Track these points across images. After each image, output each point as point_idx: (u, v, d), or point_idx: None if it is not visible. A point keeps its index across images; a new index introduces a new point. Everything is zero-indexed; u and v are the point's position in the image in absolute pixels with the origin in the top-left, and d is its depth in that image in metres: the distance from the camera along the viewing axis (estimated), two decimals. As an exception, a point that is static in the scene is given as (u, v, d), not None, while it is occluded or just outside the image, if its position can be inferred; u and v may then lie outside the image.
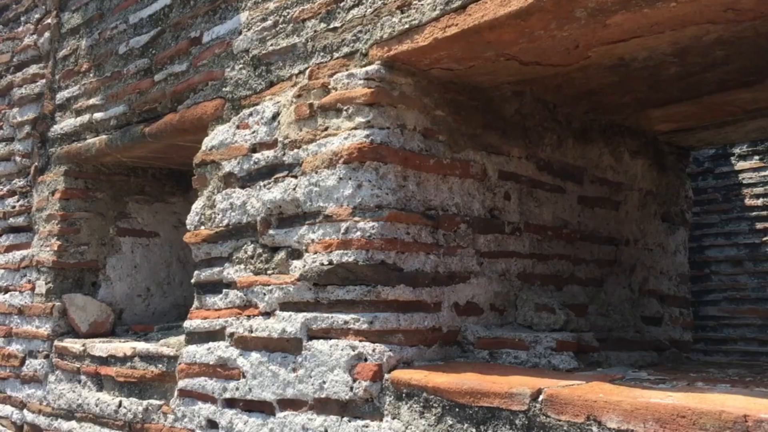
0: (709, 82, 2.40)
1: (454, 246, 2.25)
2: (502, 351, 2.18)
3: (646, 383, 1.82)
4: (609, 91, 2.46)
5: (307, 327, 2.19)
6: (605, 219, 2.79)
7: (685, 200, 3.19)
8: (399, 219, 2.11)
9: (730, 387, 1.72)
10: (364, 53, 2.19)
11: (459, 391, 1.82)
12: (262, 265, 2.38)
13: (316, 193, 2.21)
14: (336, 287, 2.15)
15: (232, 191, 2.51)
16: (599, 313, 2.62)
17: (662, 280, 3.02)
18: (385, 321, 2.06)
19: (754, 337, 5.78)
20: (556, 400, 1.64)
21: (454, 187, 2.28)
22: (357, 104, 2.14)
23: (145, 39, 3.07)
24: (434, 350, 2.17)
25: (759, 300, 5.74)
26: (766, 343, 5.71)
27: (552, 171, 2.58)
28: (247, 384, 2.34)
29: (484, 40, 1.97)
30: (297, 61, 2.40)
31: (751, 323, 5.78)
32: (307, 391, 2.16)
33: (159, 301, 3.65)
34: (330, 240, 2.15)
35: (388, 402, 1.99)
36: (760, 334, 5.77)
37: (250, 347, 2.36)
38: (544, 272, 2.52)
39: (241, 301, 2.43)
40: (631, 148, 2.90)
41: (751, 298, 5.77)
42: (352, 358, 2.06)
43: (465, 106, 2.33)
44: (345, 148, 2.13)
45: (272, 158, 2.38)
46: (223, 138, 2.58)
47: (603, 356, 2.31)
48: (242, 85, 2.59)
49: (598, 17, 1.81)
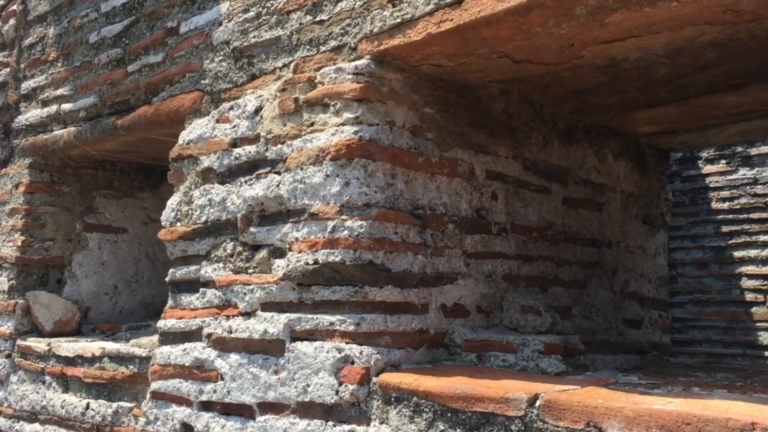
0: (697, 85, 2.39)
1: (441, 246, 2.20)
2: (490, 354, 2.14)
3: (640, 388, 1.80)
4: (597, 92, 2.44)
5: (290, 328, 2.13)
6: (588, 220, 2.77)
7: (665, 203, 3.19)
8: (387, 218, 2.05)
9: (727, 393, 1.70)
10: (353, 47, 2.13)
11: (451, 395, 1.77)
12: (243, 264, 2.30)
13: (301, 191, 2.14)
14: (321, 287, 2.08)
15: (211, 187, 2.43)
16: (582, 316, 2.60)
17: (642, 282, 3.01)
18: (373, 322, 2.01)
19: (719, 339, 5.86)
20: (554, 406, 1.60)
21: (442, 186, 2.23)
22: (345, 99, 2.08)
23: (118, 28, 2.96)
24: (421, 353, 2.12)
25: (724, 302, 5.82)
26: (730, 345, 5.79)
27: (537, 171, 2.55)
28: (226, 386, 2.27)
29: (480, 37, 1.92)
30: (281, 54, 2.33)
31: (715, 325, 5.85)
32: (289, 395, 2.09)
33: (127, 300, 3.53)
34: (316, 239, 2.08)
35: (375, 406, 1.93)
36: (724, 335, 5.85)
37: (228, 348, 2.29)
38: (529, 274, 2.48)
39: (219, 300, 2.35)
40: (614, 150, 2.88)
41: (716, 301, 5.85)
42: (338, 361, 2.00)
43: (453, 103, 2.28)
44: (332, 144, 2.07)
45: (254, 153, 2.30)
46: (202, 132, 2.49)
47: (589, 359, 2.29)
48: (222, 77, 2.51)
49: (597, 15, 1.78)
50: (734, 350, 5.74)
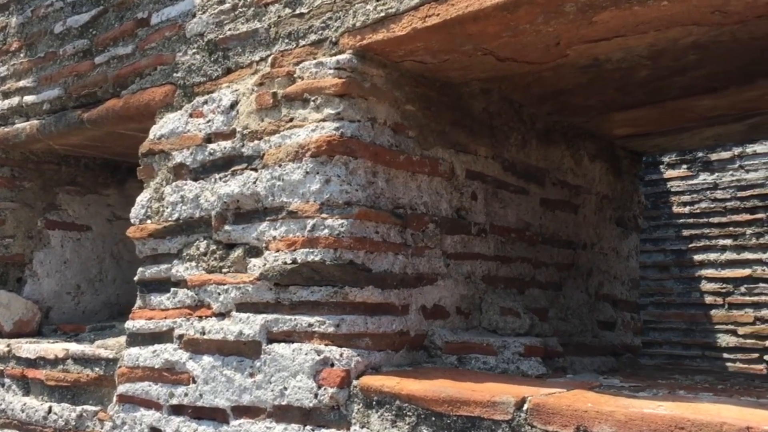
0: (675, 87, 2.39)
1: (422, 246, 2.16)
2: (470, 356, 2.10)
3: (625, 391, 1.78)
4: (576, 92, 2.43)
5: (266, 329, 2.06)
6: (565, 222, 2.76)
7: (637, 205, 3.20)
8: (368, 217, 2.00)
9: (714, 396, 1.69)
10: (334, 42, 2.08)
11: (436, 399, 1.73)
12: (216, 263, 2.23)
13: (279, 188, 2.08)
14: (299, 288, 2.03)
15: (184, 183, 2.35)
16: (559, 318, 2.59)
17: (616, 284, 3.01)
18: (353, 324, 1.96)
19: (679, 341, 5.94)
20: (543, 410, 1.57)
21: (423, 186, 2.19)
22: (326, 95, 2.02)
23: (85, 18, 2.86)
24: (401, 355, 2.07)
25: (684, 305, 5.90)
26: (689, 347, 5.87)
27: (516, 172, 2.53)
28: (198, 389, 2.19)
29: (466, 33, 1.89)
30: (258, 48, 2.26)
31: (676, 327, 5.93)
32: (265, 398, 2.03)
33: (90, 300, 3.42)
34: (294, 237, 2.03)
35: (356, 410, 1.88)
36: (684, 337, 5.93)
37: (201, 350, 2.21)
38: (507, 275, 2.46)
39: (192, 300, 2.27)
40: (590, 152, 2.88)
41: (677, 303, 5.93)
42: (317, 363, 1.94)
43: (435, 101, 2.25)
44: (313, 140, 2.01)
45: (230, 149, 2.23)
46: (174, 126, 2.42)
47: (567, 361, 2.27)
48: (196, 71, 2.44)
49: (587, 13, 1.75)
50: (694, 352, 5.82)
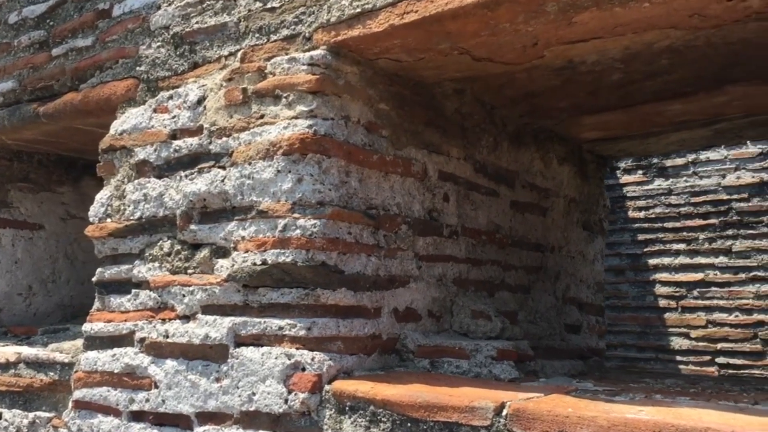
0: (646, 91, 2.40)
1: (394, 248, 2.12)
2: (443, 360, 2.07)
3: (601, 395, 1.76)
4: (548, 95, 2.42)
5: (234, 332, 2.00)
6: (534, 225, 2.75)
7: (603, 209, 3.21)
8: (341, 217, 1.95)
9: (691, 400, 1.68)
10: (308, 37, 2.02)
11: (412, 404, 1.68)
12: (181, 264, 2.16)
13: (248, 186, 2.02)
14: (269, 289, 1.97)
15: (147, 181, 2.27)
16: (528, 321, 2.57)
17: (582, 288, 3.02)
18: (325, 327, 1.90)
19: (633, 344, 6.02)
20: (523, 415, 1.54)
21: (396, 186, 2.15)
22: (299, 91, 1.97)
23: (42, 8, 2.75)
24: (374, 359, 2.03)
25: (639, 308, 5.99)
26: (643, 349, 5.95)
27: (487, 174, 2.50)
28: (160, 395, 2.11)
29: (444, 30, 1.85)
30: (227, 42, 2.19)
31: (630, 330, 6.01)
32: (232, 404, 1.96)
33: (42, 301, 3.29)
34: (264, 238, 1.96)
35: (328, 416, 1.83)
36: (638, 340, 6.01)
37: (164, 354, 2.13)
38: (478, 278, 2.43)
39: (154, 302, 2.19)
40: (559, 155, 2.87)
41: (632, 306, 6.01)
42: (287, 368, 1.88)
43: (408, 101, 2.21)
44: (285, 138, 1.95)
45: (196, 146, 2.16)
46: (137, 122, 2.33)
47: (539, 365, 2.25)
48: (160, 65, 2.35)
49: (567, 13, 1.74)
50: (648, 354, 5.91)
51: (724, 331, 5.57)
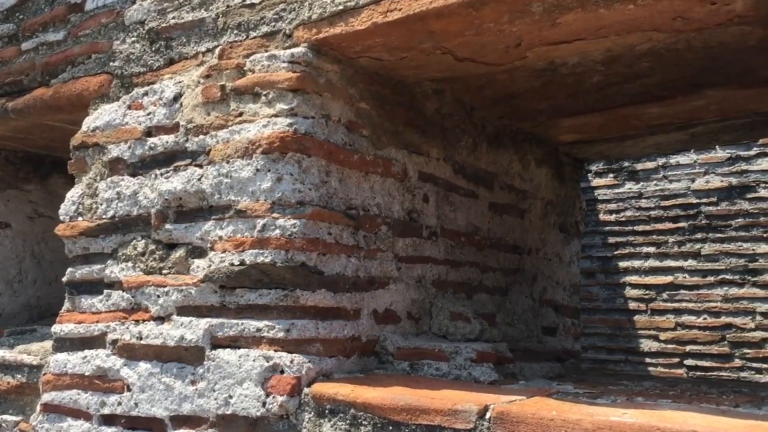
0: (625, 94, 2.41)
1: (374, 249, 2.10)
2: (423, 362, 2.05)
3: (583, 398, 1.75)
4: (528, 96, 2.41)
5: (211, 334, 1.95)
6: (512, 227, 2.74)
7: (579, 211, 3.22)
8: (322, 217, 1.92)
9: (673, 403, 1.68)
10: (288, 34, 1.99)
11: (394, 407, 1.66)
12: (156, 264, 2.11)
13: (226, 185, 1.98)
14: (247, 290, 1.93)
15: (120, 179, 2.22)
16: (506, 323, 2.56)
17: (558, 290, 3.02)
18: (304, 329, 1.87)
19: (603, 346, 6.05)
20: (507, 418, 1.53)
21: (376, 186, 2.13)
22: (279, 89, 1.93)
23: (12, 1, 2.68)
24: (353, 361, 2.00)
25: (609, 310, 6.02)
26: (613, 352, 5.99)
27: (466, 175, 2.49)
28: (133, 398, 2.06)
29: (428, 29, 1.83)
30: (204, 38, 2.15)
31: (601, 332, 6.04)
32: (208, 407, 1.92)
33: (8, 302, 3.20)
34: (243, 238, 1.93)
35: (307, 419, 1.80)
36: (608, 342, 6.04)
37: (138, 356, 2.08)
38: (456, 279, 2.42)
39: (127, 303, 2.14)
40: (536, 157, 2.87)
41: (602, 309, 6.04)
42: (265, 370, 1.85)
43: (389, 100, 2.18)
44: (264, 136, 1.92)
45: (172, 144, 2.11)
46: (111, 118, 2.27)
47: (517, 367, 2.25)
48: (135, 60, 2.30)
49: (552, 13, 1.73)
50: (617, 357, 5.95)
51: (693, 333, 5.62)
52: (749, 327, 5.39)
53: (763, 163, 5.42)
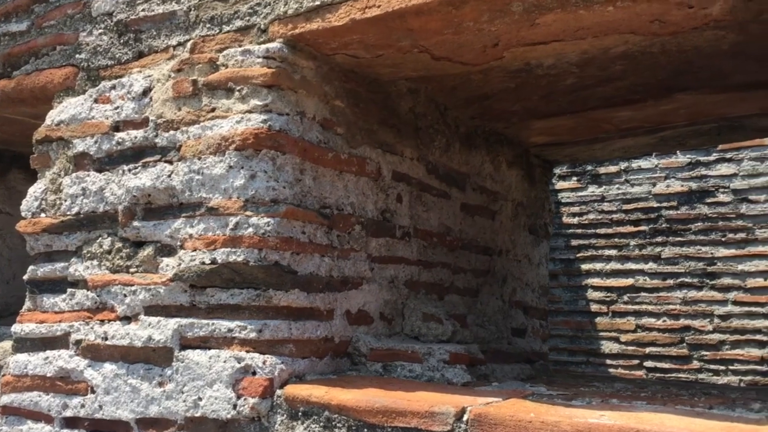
0: (597, 97, 2.42)
1: (347, 249, 2.07)
2: (396, 364, 2.03)
3: (558, 400, 1.75)
4: (502, 97, 2.41)
5: (180, 334, 1.91)
6: (483, 228, 2.73)
7: (548, 213, 3.23)
8: (296, 216, 1.89)
9: (648, 404, 1.68)
10: (263, 29, 1.95)
11: (369, 409, 1.63)
12: (122, 262, 2.05)
13: (198, 182, 1.93)
14: (218, 290, 1.88)
15: (86, 174, 2.15)
16: (476, 324, 2.55)
17: (527, 291, 3.02)
18: (276, 329, 1.83)
19: (565, 347, 6.10)
20: (485, 420, 1.51)
21: (350, 185, 2.10)
22: (253, 85, 1.90)
23: (-28, -10, 2.59)
24: (326, 362, 1.97)
25: (571, 312, 6.07)
26: (575, 353, 6.04)
27: (439, 175, 2.48)
28: (97, 400, 2.00)
29: (406, 27, 1.81)
30: (175, 32, 2.10)
31: (563, 334, 6.08)
32: (176, 409, 1.87)
33: (-36, 300, 3.10)
34: (214, 236, 1.88)
35: (279, 421, 1.76)
36: (570, 344, 6.09)
37: (103, 357, 2.02)
38: (428, 280, 2.40)
39: (92, 302, 2.08)
40: (508, 158, 2.87)
41: (565, 311, 6.08)
42: (237, 371, 1.81)
43: (363, 98, 2.16)
44: (238, 132, 1.88)
45: (141, 139, 2.06)
46: (76, 112, 2.21)
47: (489, 369, 2.24)
48: (102, 53, 2.24)
49: (532, 14, 1.72)
50: (579, 358, 6.00)
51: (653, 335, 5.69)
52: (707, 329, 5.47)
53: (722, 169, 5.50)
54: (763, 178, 5.28)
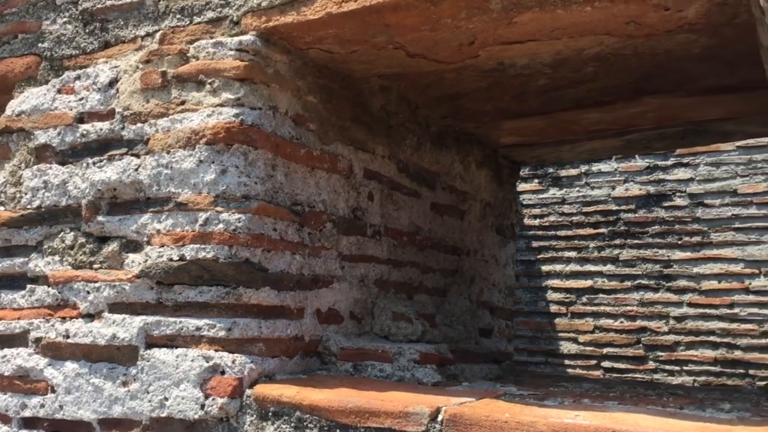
0: (569, 99, 2.43)
1: (318, 246, 2.04)
2: (366, 363, 2.00)
3: (531, 400, 1.74)
4: (473, 97, 2.40)
5: (146, 332, 1.86)
6: (452, 228, 2.72)
7: (515, 214, 3.24)
8: (267, 212, 1.86)
9: (620, 404, 1.69)
10: (235, 21, 1.91)
11: (342, 409, 1.61)
12: (86, 258, 1.99)
13: (166, 176, 1.88)
14: (186, 287, 1.84)
15: (48, 167, 2.09)
16: (444, 324, 2.54)
17: (494, 292, 3.02)
18: (246, 328, 1.80)
19: (525, 348, 6.14)
20: (460, 421, 1.50)
21: (321, 182, 2.07)
22: (225, 78, 1.86)
23: (-72, -26, 2.49)
24: (296, 362, 1.93)
25: (531, 313, 6.11)
26: (534, 354, 6.09)
27: (410, 174, 2.46)
28: (58, 400, 1.94)
29: (383, 22, 1.79)
30: (144, 22, 2.05)
31: (523, 335, 6.12)
32: (141, 409, 1.82)
33: None
34: (183, 232, 1.84)
35: (249, 422, 1.72)
36: (529, 345, 6.13)
37: (64, 356, 1.96)
38: (398, 279, 2.38)
39: (53, 299, 2.01)
40: (477, 158, 2.87)
41: (525, 311, 6.12)
42: (205, 371, 1.76)
43: (336, 95, 2.13)
44: (209, 126, 1.84)
45: (107, 131, 2.00)
46: (38, 102, 2.14)
47: (458, 369, 2.23)
48: (67, 42, 2.17)
49: (510, 12, 1.71)
50: (538, 358, 6.04)
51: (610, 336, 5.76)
52: (663, 330, 5.55)
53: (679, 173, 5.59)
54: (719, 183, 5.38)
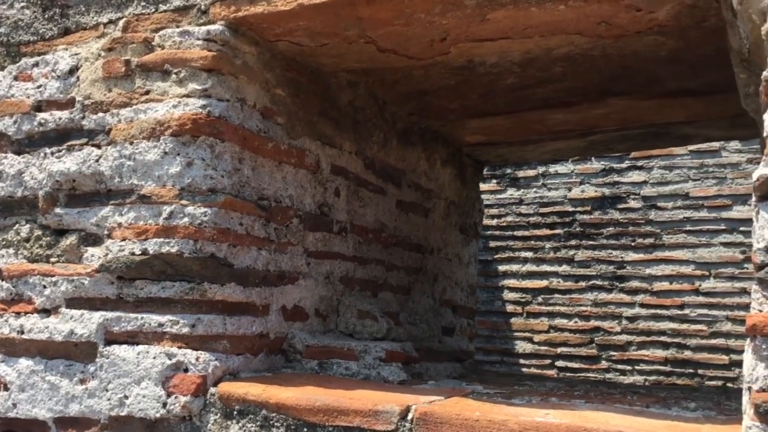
0: (536, 98, 2.43)
1: (285, 242, 2.00)
2: (332, 361, 1.97)
3: (498, 398, 1.74)
4: (441, 94, 2.39)
5: (105, 329, 1.80)
6: (416, 226, 2.71)
7: (478, 213, 3.24)
8: (234, 207, 1.81)
9: (586, 403, 1.69)
10: (203, 10, 1.86)
11: (310, 408, 1.58)
12: (42, 251, 1.92)
13: (129, 168, 1.83)
14: (148, 282, 1.79)
15: (3, 156, 2.01)
16: (408, 322, 2.53)
17: (456, 290, 3.02)
18: (210, 324, 1.75)
19: (481, 347, 6.17)
20: (430, 419, 1.48)
21: (288, 177, 2.03)
22: (192, 68, 1.81)
23: None
24: (260, 359, 1.90)
25: (488, 312, 6.15)
26: (490, 353, 6.13)
27: (376, 171, 2.44)
28: (11, 398, 1.87)
29: (355, 15, 1.77)
30: (107, 8, 1.99)
31: (479, 334, 6.14)
32: (99, 408, 1.77)
33: None
34: (146, 225, 1.79)
35: (213, 421, 1.68)
36: (485, 344, 6.17)
37: (18, 352, 1.89)
38: (363, 277, 2.36)
39: (7, 294, 1.94)
40: (442, 157, 2.86)
41: (482, 311, 6.15)
42: (167, 368, 1.72)
43: (304, 88, 2.10)
44: (175, 117, 1.79)
45: (66, 120, 1.94)
46: (-7, 89, 2.06)
47: (423, 367, 2.21)
48: (24, 28, 2.09)
49: (484, 8, 1.70)
50: (493, 357, 6.08)
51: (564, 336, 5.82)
52: (616, 330, 5.64)
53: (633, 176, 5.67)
54: (671, 186, 5.48)
